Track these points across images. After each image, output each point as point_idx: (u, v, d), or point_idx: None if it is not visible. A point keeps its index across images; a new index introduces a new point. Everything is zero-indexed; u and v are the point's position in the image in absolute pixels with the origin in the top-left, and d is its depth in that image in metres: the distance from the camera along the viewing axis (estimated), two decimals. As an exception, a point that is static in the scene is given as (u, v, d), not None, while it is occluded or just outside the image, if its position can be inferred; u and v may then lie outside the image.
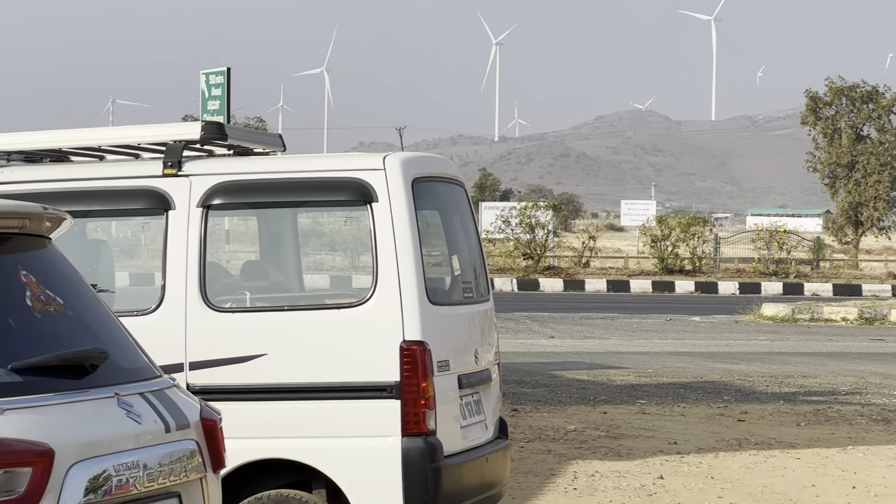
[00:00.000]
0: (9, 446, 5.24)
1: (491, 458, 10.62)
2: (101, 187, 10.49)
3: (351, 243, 15.03)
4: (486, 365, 10.93)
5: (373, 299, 9.77)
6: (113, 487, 5.62)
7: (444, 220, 11.59)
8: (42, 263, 6.22)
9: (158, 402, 6.09)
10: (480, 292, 11.41)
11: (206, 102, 30.08)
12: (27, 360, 5.69)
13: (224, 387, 9.54)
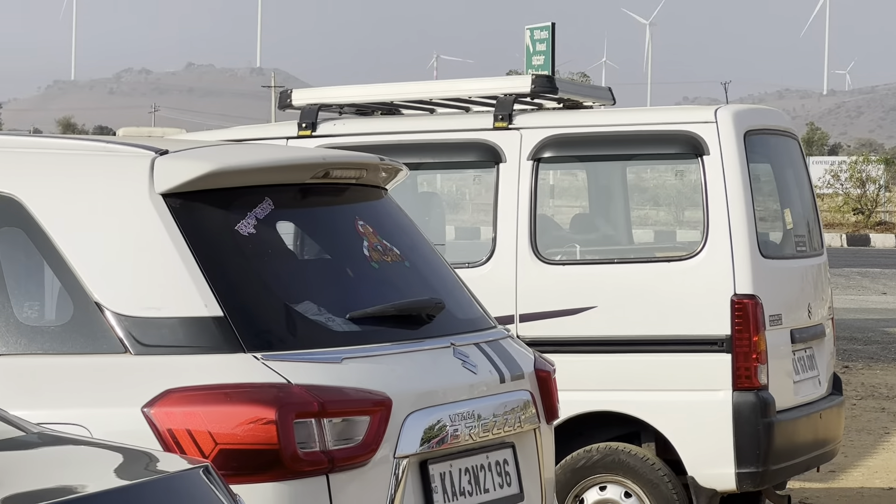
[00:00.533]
0: (347, 395, 5.34)
1: (824, 415, 10.47)
2: (433, 140, 10.67)
3: (676, 197, 14.85)
4: (819, 320, 10.74)
5: (703, 253, 9.70)
6: (448, 437, 5.67)
7: (777, 174, 11.37)
8: (378, 214, 6.31)
9: (493, 353, 6.14)
10: (814, 246, 11.23)
11: (530, 57, 30.38)
12: (365, 310, 5.80)
13: (553, 339, 9.56)
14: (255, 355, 5.35)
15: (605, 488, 9.59)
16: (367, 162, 6.28)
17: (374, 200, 6.35)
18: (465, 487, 5.73)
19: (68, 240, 5.55)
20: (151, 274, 5.53)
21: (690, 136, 10.04)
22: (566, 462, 9.19)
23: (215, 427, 5.13)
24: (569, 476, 9.25)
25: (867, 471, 13.43)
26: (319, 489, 5.22)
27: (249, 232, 5.66)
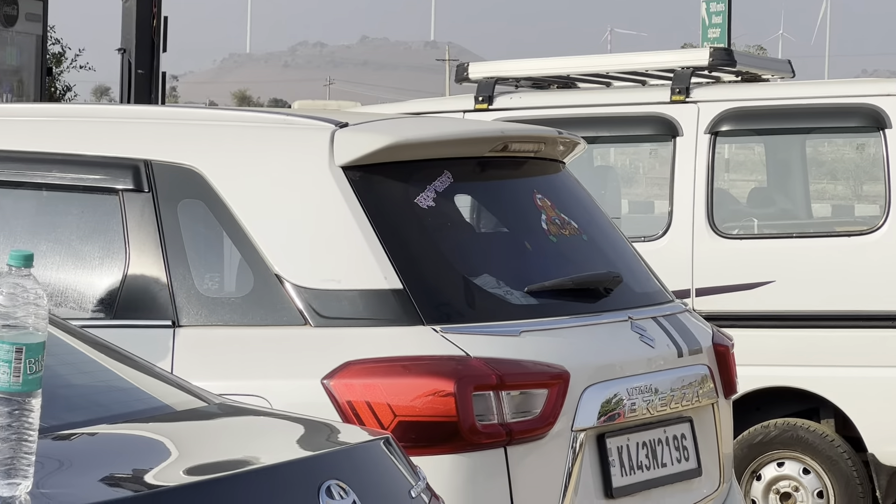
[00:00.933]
0: (525, 368, 5.36)
1: None
2: (609, 113, 10.61)
3: (855, 171, 14.66)
4: None
5: (884, 227, 9.54)
6: (625, 411, 5.68)
7: None
8: (556, 187, 6.31)
9: (671, 327, 6.12)
10: None
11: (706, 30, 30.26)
12: (543, 283, 5.81)
13: (730, 313, 9.45)
14: (434, 328, 5.38)
15: (782, 464, 9.54)
16: (546, 135, 6.30)
17: (552, 174, 6.36)
18: (641, 461, 5.73)
19: (248, 212, 5.61)
20: (331, 246, 5.59)
21: (872, 108, 9.83)
22: (743, 437, 9.16)
23: (394, 399, 5.17)
24: (746, 452, 9.22)
25: None
26: (497, 462, 5.24)
27: (429, 205, 5.68)
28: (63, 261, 5.55)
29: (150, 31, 19.13)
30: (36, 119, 7.01)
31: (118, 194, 5.72)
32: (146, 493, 3.43)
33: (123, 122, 6.46)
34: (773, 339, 9.38)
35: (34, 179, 5.90)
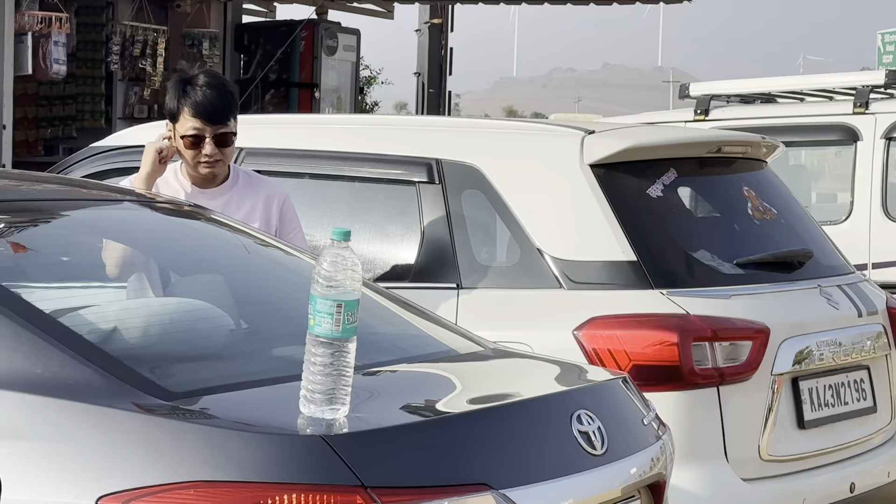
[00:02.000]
0: (734, 324, 5.44)
1: None
2: (802, 123, 10.57)
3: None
4: None
5: None
6: (815, 359, 5.73)
7: None
8: (760, 182, 6.36)
9: (852, 293, 6.13)
10: None
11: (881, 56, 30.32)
12: (749, 257, 5.94)
13: (900, 283, 9.18)
14: (661, 291, 5.47)
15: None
16: (752, 140, 6.46)
17: (756, 171, 6.44)
18: (828, 400, 5.74)
19: (515, 199, 5.75)
20: (580, 226, 5.67)
21: None
22: None
23: (630, 347, 5.27)
24: None
25: None
26: (711, 398, 5.32)
27: (657, 195, 5.79)
28: (372, 237, 5.69)
29: (439, 59, 19.28)
30: (352, 127, 7.39)
31: (415, 186, 5.91)
32: (436, 418, 3.53)
33: (419, 129, 6.77)
34: None
35: (351, 173, 6.12)
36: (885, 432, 6.01)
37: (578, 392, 3.80)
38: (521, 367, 4.10)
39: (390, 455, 3.15)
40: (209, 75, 5.64)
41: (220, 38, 16.66)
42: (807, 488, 5.51)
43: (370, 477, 3.04)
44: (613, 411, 3.77)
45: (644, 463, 3.77)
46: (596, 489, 3.54)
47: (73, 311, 3.57)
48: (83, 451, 3.07)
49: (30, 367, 3.23)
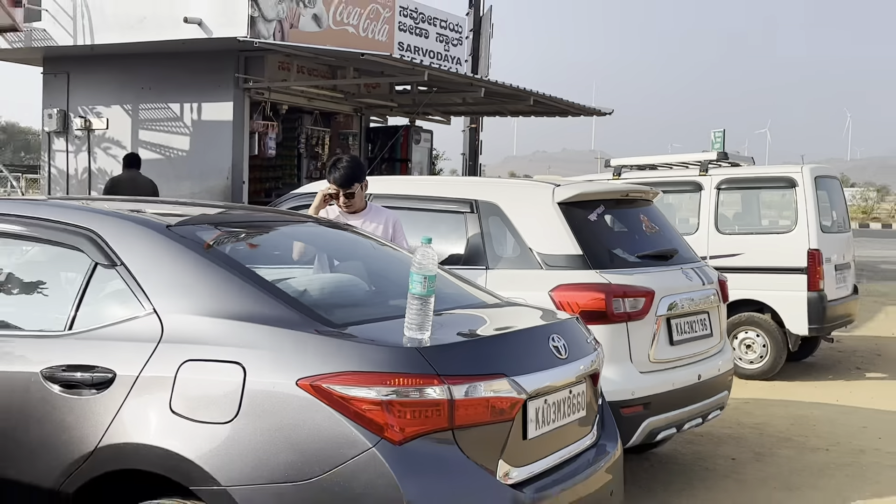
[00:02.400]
0: (635, 288, 5.40)
1: (849, 303, 9.82)
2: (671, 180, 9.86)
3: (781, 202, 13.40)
4: (850, 260, 9.98)
5: (796, 231, 9.17)
6: (679, 308, 5.64)
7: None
8: (648, 212, 6.29)
9: (699, 272, 6.06)
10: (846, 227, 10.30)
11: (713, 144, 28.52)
12: (643, 252, 5.92)
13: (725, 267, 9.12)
14: (596, 271, 5.41)
15: (747, 333, 9.26)
16: (644, 189, 6.51)
17: (647, 206, 6.40)
18: (686, 329, 5.70)
19: (517, 221, 5.73)
20: (551, 235, 5.61)
21: (787, 177, 9.45)
22: (730, 321, 8.78)
23: (579, 301, 5.22)
24: (730, 327, 8.85)
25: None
26: (622, 329, 5.27)
27: (594, 219, 5.83)
28: (441, 241, 5.52)
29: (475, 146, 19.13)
30: (429, 182, 7.46)
31: (463, 214, 5.90)
32: (475, 338, 3.58)
33: (465, 183, 6.91)
34: (747, 279, 9.00)
35: (429, 206, 6.15)
36: (716, 347, 5.98)
37: (551, 325, 3.80)
38: (521, 311, 4.08)
39: (451, 357, 3.18)
40: (346, 159, 5.71)
41: (359, 135, 16.71)
42: (674, 377, 5.48)
43: (441, 369, 3.08)
44: (570, 335, 3.76)
45: (588, 362, 3.76)
46: (562, 376, 3.54)
47: (282, 280, 3.60)
48: (287, 354, 3.10)
49: (261, 310, 3.24)
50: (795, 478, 6.03)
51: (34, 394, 3.25)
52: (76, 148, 14.46)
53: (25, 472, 3.23)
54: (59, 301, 3.52)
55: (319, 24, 13.62)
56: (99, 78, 14.23)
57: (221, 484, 2.97)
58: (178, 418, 3.07)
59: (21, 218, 3.72)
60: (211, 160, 13.57)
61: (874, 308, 14.08)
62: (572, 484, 3.43)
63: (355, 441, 2.93)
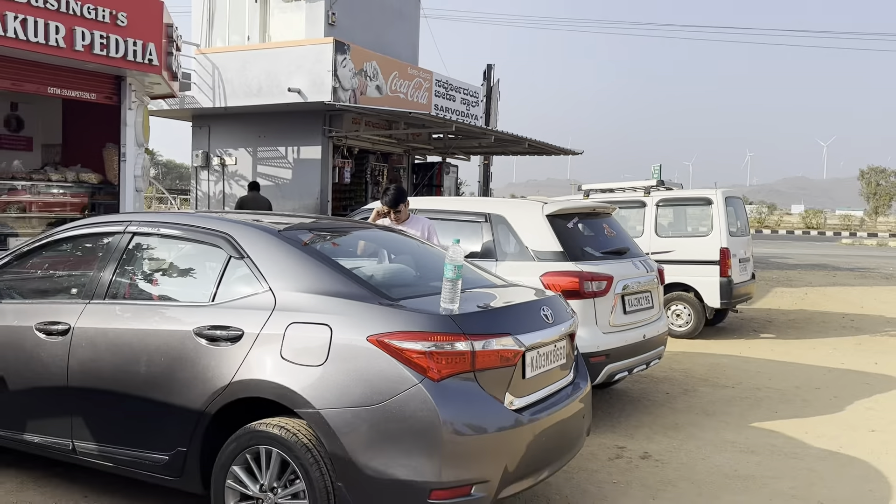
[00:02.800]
0: (599, 274, 5.20)
1: (748, 285, 9.49)
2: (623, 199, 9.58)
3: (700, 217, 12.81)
4: (748, 255, 9.65)
5: (711, 234, 9.01)
6: (631, 287, 5.45)
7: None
8: (609, 221, 6.06)
9: (644, 263, 5.84)
10: (746, 231, 9.98)
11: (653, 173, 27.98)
12: (605, 249, 5.66)
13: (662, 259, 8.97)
14: (572, 262, 5.24)
15: (677, 306, 9.12)
16: (606, 206, 6.18)
17: (608, 217, 6.16)
18: (634, 303, 5.50)
19: (518, 227, 5.53)
20: (541, 237, 5.40)
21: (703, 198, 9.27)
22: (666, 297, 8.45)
23: (560, 283, 5.06)
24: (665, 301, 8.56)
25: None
26: (590, 303, 5.11)
27: (571, 226, 5.60)
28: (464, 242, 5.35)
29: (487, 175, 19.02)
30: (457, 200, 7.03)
31: (480, 223, 5.66)
32: (490, 308, 3.49)
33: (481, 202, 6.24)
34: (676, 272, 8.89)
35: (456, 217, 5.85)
36: (656, 315, 5.79)
37: (542, 300, 3.70)
38: (521, 290, 3.97)
39: (473, 322, 3.14)
40: (393, 188, 5.52)
41: (407, 168, 16.67)
42: (627, 336, 5.32)
43: (466, 330, 3.05)
44: (555, 306, 3.68)
45: (567, 326, 3.68)
46: (549, 335, 3.48)
47: (356, 268, 3.54)
48: (360, 319, 3.08)
49: (342, 289, 3.22)
50: (711, 406, 5.95)
51: (188, 344, 3.28)
52: (215, 178, 14.57)
53: (183, 397, 3.26)
54: (205, 282, 3.53)
55: (380, 92, 13.61)
56: (230, 129, 14.32)
57: (315, 407, 2.99)
58: (286, 362, 3.08)
59: (180, 225, 3.74)
60: (306, 186, 13.61)
61: (766, 289, 13.88)
62: (556, 409, 3.41)
63: (407, 379, 2.93)
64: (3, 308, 3.93)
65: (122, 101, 9.40)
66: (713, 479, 4.34)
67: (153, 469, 3.36)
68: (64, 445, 3.62)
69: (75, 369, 3.53)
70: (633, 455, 4.70)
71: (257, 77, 13.06)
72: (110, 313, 3.54)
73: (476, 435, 2.98)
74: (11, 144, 11.02)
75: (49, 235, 4.14)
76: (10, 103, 10.92)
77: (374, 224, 4.93)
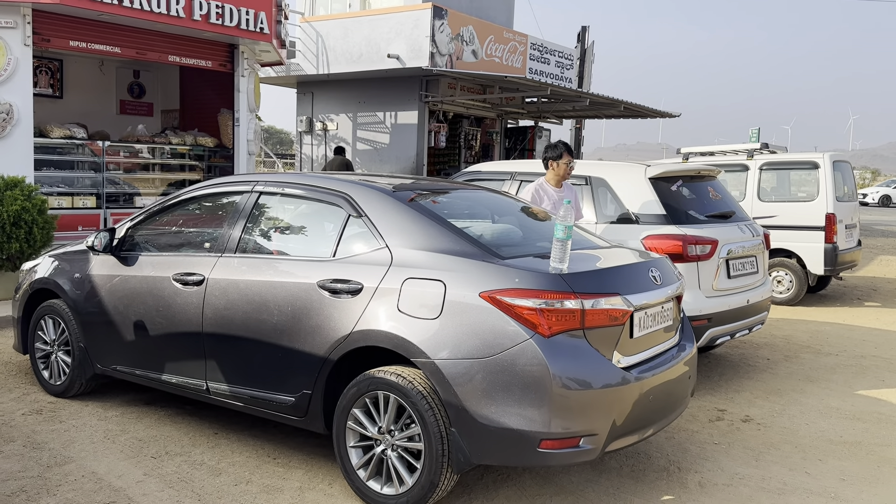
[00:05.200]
0: (704, 238, 5.04)
1: (854, 252, 9.00)
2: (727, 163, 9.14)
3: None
4: (855, 221, 9.14)
5: (817, 200, 8.51)
6: (735, 253, 5.26)
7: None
8: (714, 185, 5.82)
9: (749, 227, 5.63)
10: (853, 196, 9.43)
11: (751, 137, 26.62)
12: (710, 213, 5.47)
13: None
14: (676, 226, 5.09)
15: (779, 272, 8.74)
16: (711, 169, 5.91)
17: (713, 180, 5.89)
18: (739, 268, 5.31)
19: (620, 190, 5.38)
20: (643, 200, 5.26)
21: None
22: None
23: (663, 246, 4.92)
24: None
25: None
26: (694, 267, 4.96)
27: (674, 189, 5.43)
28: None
29: (579, 138, 18.64)
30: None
31: (580, 187, 5.49)
32: (600, 268, 3.44)
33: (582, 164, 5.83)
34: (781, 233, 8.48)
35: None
36: (760, 281, 5.57)
37: (651, 261, 3.64)
38: (625, 252, 3.90)
39: (582, 281, 3.12)
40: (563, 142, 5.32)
41: (500, 133, 16.55)
42: (730, 301, 5.14)
43: (576, 288, 3.05)
44: (663, 268, 3.63)
45: (675, 288, 3.62)
46: (657, 297, 3.42)
47: (466, 227, 3.54)
48: (473, 276, 3.12)
49: (456, 247, 3.26)
50: (814, 373, 5.73)
51: (312, 295, 3.41)
52: (318, 142, 14.94)
53: (308, 343, 3.40)
54: (326, 238, 3.63)
55: (476, 57, 13.50)
56: (332, 95, 14.60)
57: (430, 357, 3.07)
58: (403, 315, 3.17)
59: (303, 185, 3.82)
60: (403, 149, 13.76)
61: (871, 256, 13.06)
62: (662, 370, 3.36)
63: (518, 334, 2.97)
64: (141, 260, 4.16)
65: (236, 69, 9.75)
66: (818, 443, 4.20)
67: (280, 409, 3.54)
68: (198, 385, 3.84)
69: (209, 316, 3.74)
70: (735, 418, 4.60)
71: (358, 44, 13.20)
72: (241, 266, 3.71)
73: (584, 390, 2.99)
74: (134, 110, 11.69)
75: (181, 194, 4.36)
76: (133, 71, 11.54)
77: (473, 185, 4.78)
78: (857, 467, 3.87)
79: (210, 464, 3.64)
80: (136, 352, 4.11)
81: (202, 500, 3.25)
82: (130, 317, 4.08)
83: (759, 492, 3.54)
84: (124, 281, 4.14)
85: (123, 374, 4.23)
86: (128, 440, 3.90)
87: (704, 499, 3.44)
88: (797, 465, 3.88)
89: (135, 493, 3.29)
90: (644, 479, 3.64)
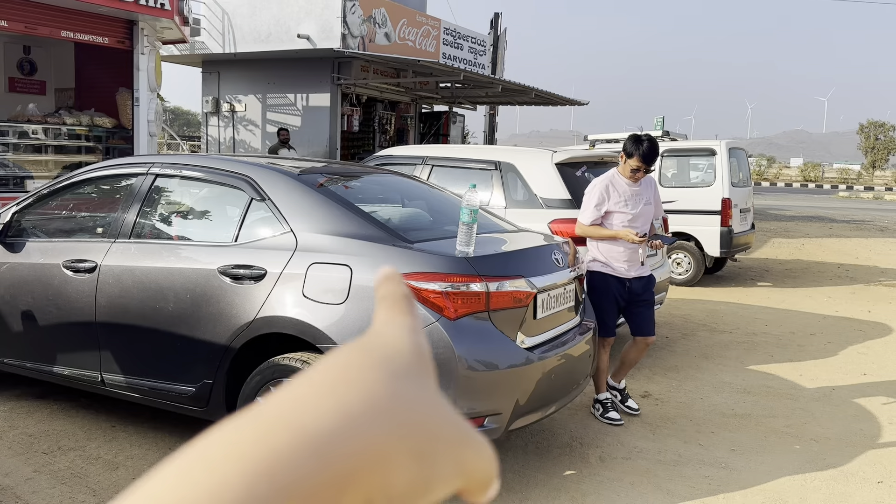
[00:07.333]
0: None
1: (747, 235, 9.50)
2: None
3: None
4: (748, 206, 9.56)
5: (714, 185, 8.96)
6: None
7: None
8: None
9: None
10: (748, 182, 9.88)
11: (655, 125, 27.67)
12: None
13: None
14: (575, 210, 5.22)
15: (678, 254, 9.15)
16: (612, 155, 6.05)
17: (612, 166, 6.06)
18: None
19: (528, 175, 5.44)
20: (550, 185, 5.33)
21: None
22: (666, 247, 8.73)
23: (567, 230, 4.91)
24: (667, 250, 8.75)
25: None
26: None
27: (579, 174, 5.51)
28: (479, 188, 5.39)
29: (493, 125, 18.84)
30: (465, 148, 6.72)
31: (490, 171, 5.57)
32: (504, 251, 3.50)
33: (492, 149, 6.10)
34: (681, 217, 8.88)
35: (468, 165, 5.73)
36: (660, 262, 5.67)
37: (554, 244, 3.71)
38: (530, 236, 3.96)
39: (488, 264, 3.16)
40: (651, 140, 4.26)
41: (414, 118, 16.51)
42: None
43: (481, 271, 3.09)
44: (563, 251, 3.75)
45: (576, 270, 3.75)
46: (560, 278, 3.51)
47: (374, 212, 3.53)
48: (380, 260, 3.10)
49: (359, 231, 3.24)
50: (709, 350, 6.04)
51: (213, 282, 3.32)
52: (224, 124, 14.45)
53: (209, 332, 3.31)
54: (227, 223, 3.54)
55: (389, 40, 13.38)
56: (240, 75, 14.14)
57: (337, 342, 3.04)
58: (308, 300, 3.13)
59: (202, 167, 3.71)
60: (315, 133, 13.51)
61: (763, 239, 13.84)
62: (564, 349, 3.46)
63: (425, 317, 2.97)
64: (29, 246, 3.97)
65: (135, 46, 9.28)
66: (711, 417, 4.45)
67: (180, 400, 3.44)
68: (93, 377, 3.69)
69: (103, 305, 3.58)
70: (634, 395, 4.79)
71: (266, 23, 12.83)
72: (136, 252, 3.58)
73: (489, 371, 3.05)
74: (25, 88, 10.93)
75: (72, 176, 4.15)
76: (23, 46, 10.78)
77: (384, 169, 4.74)
78: (746, 438, 4.12)
79: (106, 458, 3.50)
80: (26, 344, 3.90)
81: (97, 495, 3.12)
82: (19, 307, 3.86)
83: (656, 464, 3.71)
84: (11, 269, 3.92)
85: (12, 367, 4.00)
86: (17, 436, 3.70)
87: (604, 472, 3.58)
88: (691, 438, 4.09)
89: (23, 490, 3.12)
90: (548, 455, 3.75)
